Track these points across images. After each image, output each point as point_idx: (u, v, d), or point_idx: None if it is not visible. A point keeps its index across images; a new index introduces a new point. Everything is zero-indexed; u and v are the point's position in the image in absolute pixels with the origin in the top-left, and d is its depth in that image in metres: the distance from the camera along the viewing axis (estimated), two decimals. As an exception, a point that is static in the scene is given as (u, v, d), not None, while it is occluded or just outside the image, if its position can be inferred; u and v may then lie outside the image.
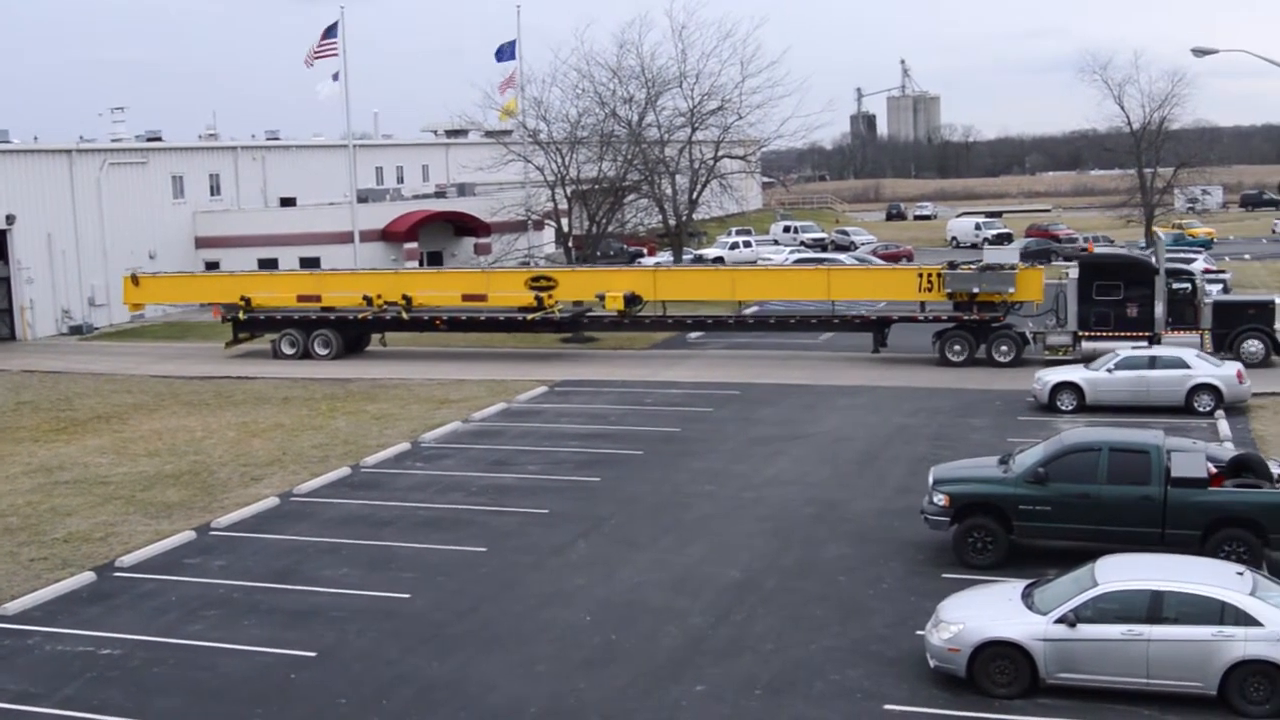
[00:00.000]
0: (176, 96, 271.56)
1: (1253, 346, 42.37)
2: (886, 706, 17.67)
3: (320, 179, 77.64)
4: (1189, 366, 36.17)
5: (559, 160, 65.01)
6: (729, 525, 26.46)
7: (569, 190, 65.46)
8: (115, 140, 69.63)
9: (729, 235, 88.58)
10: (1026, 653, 17.61)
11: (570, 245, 65.58)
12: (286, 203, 74.99)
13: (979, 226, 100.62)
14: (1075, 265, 45.20)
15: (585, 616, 21.35)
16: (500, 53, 71.24)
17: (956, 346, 44.94)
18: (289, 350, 50.55)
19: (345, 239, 67.82)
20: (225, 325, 52.41)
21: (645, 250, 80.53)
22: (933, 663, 18.36)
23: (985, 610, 18.40)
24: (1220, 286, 51.59)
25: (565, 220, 67.06)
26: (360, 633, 20.91)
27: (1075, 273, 43.83)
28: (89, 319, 61.58)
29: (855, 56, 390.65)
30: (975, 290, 44.60)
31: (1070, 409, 36.15)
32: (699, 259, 74.51)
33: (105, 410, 40.87)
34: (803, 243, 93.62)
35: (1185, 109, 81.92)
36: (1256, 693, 16.99)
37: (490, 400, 40.45)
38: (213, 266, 66.28)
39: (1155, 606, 17.37)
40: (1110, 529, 22.27)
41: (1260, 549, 21.72)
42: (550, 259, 72.06)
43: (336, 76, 64.49)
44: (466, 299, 49.83)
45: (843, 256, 74.29)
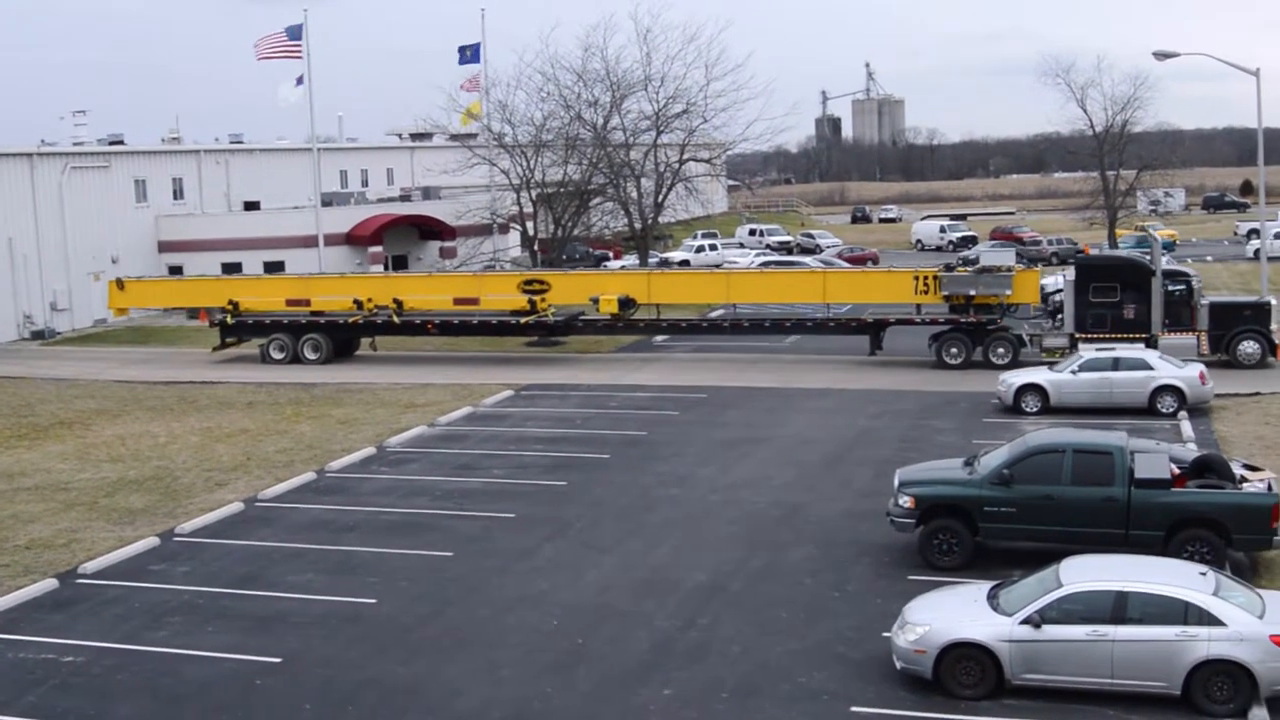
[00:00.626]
0: (138, 99, 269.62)
1: (1249, 348, 42.45)
2: (853, 708, 17.72)
3: (284, 183, 77.18)
4: (1152, 368, 36.39)
5: (524, 164, 64.85)
6: (695, 528, 26.47)
7: (534, 194, 65.30)
8: (77, 144, 68.96)
9: (695, 239, 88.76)
10: (992, 654, 17.68)
11: (536, 249, 65.48)
12: (250, 207, 74.44)
13: (944, 229, 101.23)
14: (1072, 267, 45.29)
15: (552, 620, 21.32)
16: (463, 54, 71.01)
17: (953, 349, 44.90)
18: (278, 355, 49.67)
19: (310, 243, 67.45)
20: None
21: (611, 254, 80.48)
22: (899, 664, 18.42)
23: (951, 612, 18.47)
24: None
25: (531, 224, 66.94)
26: (325, 638, 20.81)
27: (1072, 274, 43.79)
28: (51, 324, 61.02)
29: (820, 60, 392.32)
30: (972, 293, 44.68)
31: (1035, 411, 36.33)
32: (664, 263, 74.51)
33: (68, 416, 40.50)
34: (768, 246, 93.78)
35: (1147, 112, 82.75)
36: (1220, 692, 17.12)
37: (456, 404, 40.32)
38: (176, 271, 65.85)
39: (1119, 607, 17.47)
40: (1075, 530, 22.42)
41: (1223, 549, 21.92)
42: (515, 263, 71.92)
43: (301, 80, 64.10)
44: (458, 303, 49.51)
45: (808, 259, 74.52)
